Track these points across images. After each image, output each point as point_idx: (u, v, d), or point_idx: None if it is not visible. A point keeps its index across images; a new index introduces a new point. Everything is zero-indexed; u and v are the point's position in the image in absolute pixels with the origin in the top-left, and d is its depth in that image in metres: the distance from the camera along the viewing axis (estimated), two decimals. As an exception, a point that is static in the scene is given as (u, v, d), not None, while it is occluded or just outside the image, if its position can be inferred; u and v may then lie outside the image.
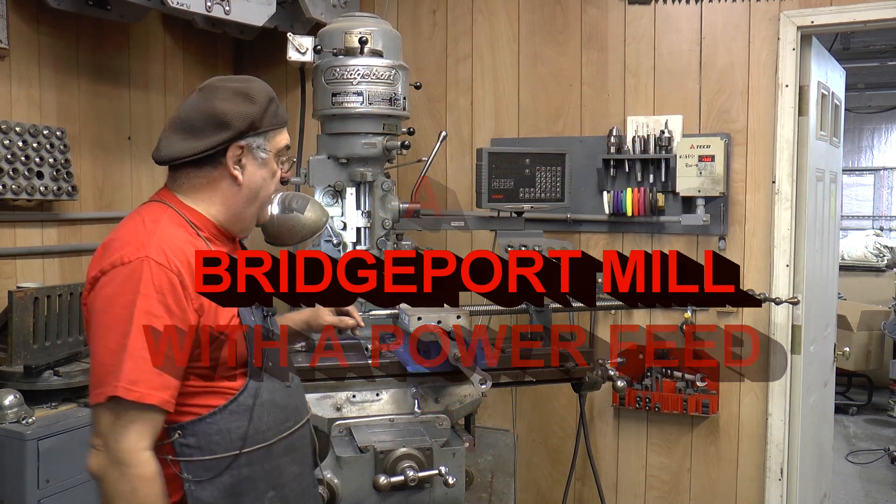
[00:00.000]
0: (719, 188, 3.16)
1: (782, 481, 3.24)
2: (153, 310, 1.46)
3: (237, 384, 1.60)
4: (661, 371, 3.35)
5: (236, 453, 1.57)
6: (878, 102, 10.78)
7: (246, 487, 1.60)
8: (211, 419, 1.56)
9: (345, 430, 2.29)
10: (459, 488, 2.16)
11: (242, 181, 1.64)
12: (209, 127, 1.60)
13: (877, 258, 7.95)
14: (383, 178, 2.86)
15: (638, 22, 3.40)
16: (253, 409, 1.60)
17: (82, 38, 3.19)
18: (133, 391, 1.43)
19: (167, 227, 1.57)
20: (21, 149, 2.85)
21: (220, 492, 1.56)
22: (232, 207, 1.66)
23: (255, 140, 1.64)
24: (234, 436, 1.58)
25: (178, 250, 1.52)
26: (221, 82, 1.67)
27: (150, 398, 1.44)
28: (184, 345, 1.50)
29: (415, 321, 2.33)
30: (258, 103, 1.63)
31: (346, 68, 2.72)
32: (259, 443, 1.61)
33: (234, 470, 1.58)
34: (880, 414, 6.77)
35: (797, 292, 3.22)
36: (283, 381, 1.71)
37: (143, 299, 1.45)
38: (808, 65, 3.22)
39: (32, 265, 2.98)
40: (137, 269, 1.47)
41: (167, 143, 1.62)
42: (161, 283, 1.47)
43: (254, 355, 1.62)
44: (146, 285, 1.46)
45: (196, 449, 1.55)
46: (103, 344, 1.47)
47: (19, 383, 2.54)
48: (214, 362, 1.57)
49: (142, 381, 1.44)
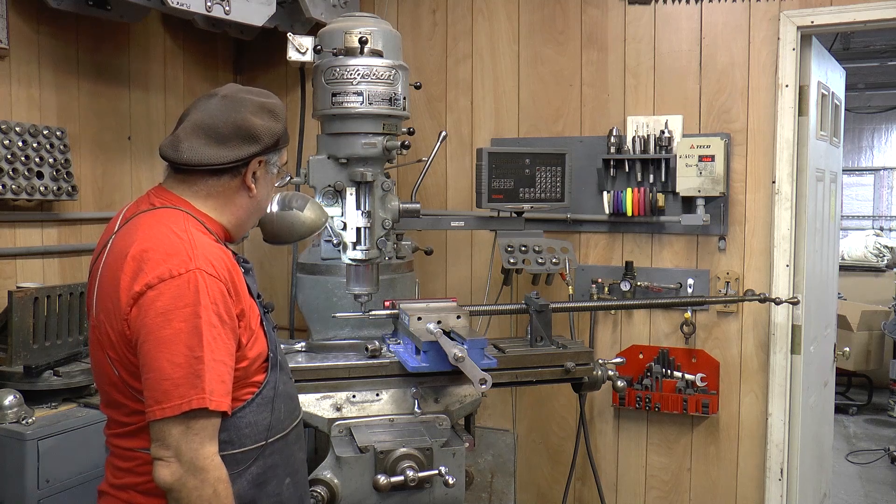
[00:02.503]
0: (719, 188, 3.16)
1: (782, 481, 3.24)
2: (213, 320, 1.50)
3: (260, 378, 1.66)
4: (661, 371, 3.35)
5: (263, 443, 1.64)
6: (878, 102, 10.79)
7: (269, 476, 1.66)
8: (241, 413, 1.61)
9: (345, 430, 2.29)
10: (459, 488, 2.16)
11: (255, 194, 1.71)
12: (237, 138, 1.63)
13: (877, 258, 7.95)
14: (383, 178, 2.85)
15: (638, 22, 3.40)
16: (274, 401, 1.67)
17: (82, 38, 3.19)
18: (214, 401, 1.47)
19: (200, 236, 1.59)
20: (21, 149, 2.85)
21: (248, 483, 1.62)
22: (241, 217, 1.73)
23: (274, 156, 1.72)
24: (261, 427, 1.64)
25: (220, 259, 1.57)
26: (246, 94, 1.71)
27: (223, 405, 1.50)
28: (233, 351, 1.55)
29: (415, 321, 2.33)
30: (281, 121, 1.71)
31: (346, 68, 2.72)
32: (279, 432, 1.69)
33: (261, 460, 1.64)
34: (880, 414, 6.77)
35: (797, 292, 3.22)
36: (288, 373, 1.79)
37: (204, 310, 1.48)
38: (808, 65, 3.22)
39: (32, 265, 2.98)
40: (192, 280, 1.49)
41: (190, 146, 1.62)
42: (215, 293, 1.51)
43: (272, 349, 1.70)
44: (204, 296, 1.49)
45: (228, 444, 1.58)
46: (167, 358, 1.46)
47: (19, 383, 2.54)
48: (250, 360, 1.63)
49: (216, 391, 1.48)
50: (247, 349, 1.61)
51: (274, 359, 1.69)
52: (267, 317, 1.75)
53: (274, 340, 1.72)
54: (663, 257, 3.40)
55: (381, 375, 2.41)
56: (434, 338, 2.22)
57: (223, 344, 1.51)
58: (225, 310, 1.52)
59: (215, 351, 1.48)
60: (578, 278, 3.43)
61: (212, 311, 1.49)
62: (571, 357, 2.61)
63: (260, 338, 1.66)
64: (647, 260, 3.42)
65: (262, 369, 1.66)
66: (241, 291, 1.60)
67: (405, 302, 2.47)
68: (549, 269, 3.09)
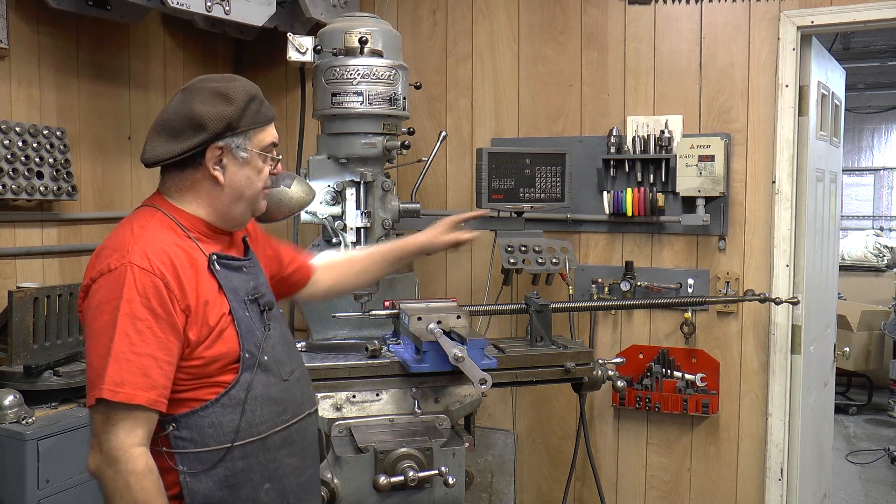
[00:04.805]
0: (719, 188, 3.16)
1: (782, 481, 3.24)
2: (137, 313, 1.50)
3: (228, 378, 1.62)
4: (661, 371, 3.35)
5: (228, 446, 1.60)
6: (878, 102, 10.79)
7: (241, 479, 1.62)
8: (203, 412, 1.59)
9: (345, 430, 2.29)
10: (459, 488, 2.16)
11: (224, 181, 1.66)
12: (187, 129, 1.62)
13: (877, 258, 7.95)
14: (383, 178, 2.86)
15: (638, 22, 3.40)
16: (245, 403, 1.62)
17: (82, 38, 3.19)
18: (119, 392, 1.47)
19: (155, 231, 1.60)
20: (21, 149, 2.85)
21: (214, 483, 1.59)
22: (217, 207, 1.69)
23: (234, 140, 1.65)
24: (227, 429, 1.60)
25: (162, 254, 1.56)
26: (203, 82, 1.68)
27: (137, 399, 1.48)
28: (171, 346, 1.53)
29: (415, 321, 2.33)
30: (235, 103, 1.63)
31: (346, 68, 2.72)
32: (253, 436, 1.63)
33: (228, 462, 1.60)
34: (880, 414, 6.77)
35: (797, 292, 3.22)
36: (279, 375, 1.71)
37: (125, 304, 1.50)
38: (808, 65, 3.22)
39: (32, 265, 2.98)
40: (122, 275, 1.52)
41: (150, 145, 1.65)
42: (145, 287, 1.51)
43: (247, 350, 1.64)
44: (129, 290, 1.51)
45: (189, 441, 1.58)
46: (94, 349, 1.52)
47: (19, 383, 2.54)
48: (207, 359, 1.59)
49: (127, 383, 1.48)
50: (202, 348, 1.58)
51: (251, 360, 1.63)
52: (263, 316, 1.71)
53: (258, 341, 1.66)
54: (663, 257, 3.40)
55: (381, 375, 2.41)
56: (434, 338, 2.22)
57: (153, 338, 1.51)
58: (159, 304, 1.52)
59: (137, 344, 1.49)
60: (578, 278, 3.43)
61: (138, 305, 1.50)
62: (571, 357, 2.61)
63: (227, 338, 1.61)
64: (647, 260, 3.42)
65: (230, 370, 1.62)
66: (189, 287, 1.57)
67: (405, 302, 2.47)
68: (549, 269, 3.09)
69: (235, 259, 1.72)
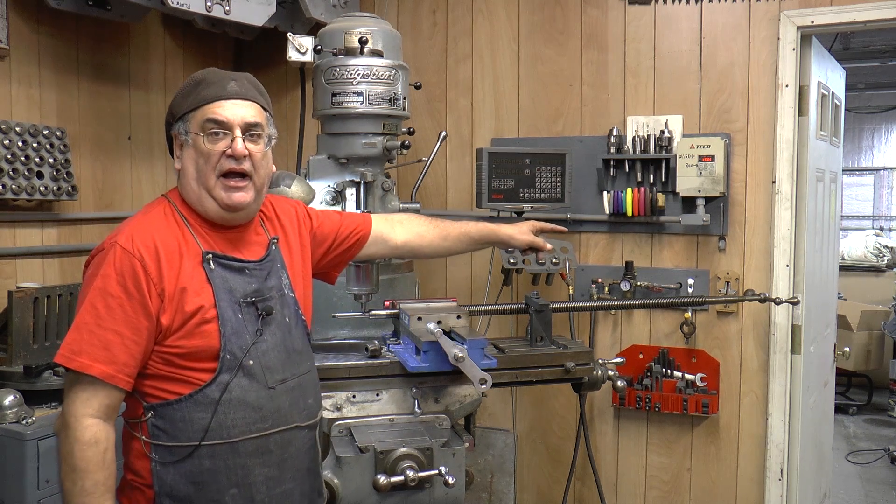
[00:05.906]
0: (719, 188, 3.16)
1: (782, 481, 3.24)
2: (110, 289, 1.56)
3: (204, 377, 1.62)
4: (661, 371, 3.35)
5: (196, 444, 1.61)
6: (878, 102, 10.79)
7: (206, 479, 1.63)
8: (177, 405, 1.61)
9: (345, 430, 2.28)
10: (459, 488, 2.16)
11: (180, 168, 1.71)
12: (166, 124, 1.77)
13: (877, 258, 7.95)
14: (383, 178, 2.86)
15: (638, 22, 3.40)
16: (219, 404, 1.62)
17: (82, 38, 3.19)
18: (74, 360, 1.53)
19: (152, 218, 1.66)
20: (21, 149, 2.85)
21: (181, 477, 1.61)
22: (189, 197, 1.71)
23: (179, 126, 1.71)
24: (196, 426, 1.61)
25: (147, 237, 1.61)
26: None
27: (91, 369, 1.53)
28: (140, 326, 1.56)
29: (415, 321, 2.33)
30: (179, 92, 1.72)
31: (346, 68, 2.72)
32: (222, 438, 1.63)
33: (196, 459, 1.61)
34: (880, 414, 6.77)
35: (797, 292, 3.22)
36: (264, 382, 1.68)
37: (100, 279, 1.57)
38: (808, 65, 3.22)
39: (32, 265, 2.98)
40: (107, 253, 1.59)
41: None
42: (122, 266, 1.56)
43: (229, 351, 1.63)
44: (108, 267, 1.57)
45: (163, 432, 1.61)
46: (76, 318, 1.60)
47: (19, 383, 2.54)
48: (183, 350, 1.60)
49: (84, 353, 1.53)
50: (177, 336, 1.59)
51: (232, 361, 1.62)
52: (259, 321, 1.68)
53: (244, 344, 1.64)
54: (663, 257, 3.40)
55: (381, 375, 2.40)
56: (434, 338, 2.21)
57: (122, 315, 1.55)
58: (133, 283, 1.56)
59: (105, 318, 1.54)
60: (578, 278, 3.43)
61: (113, 282, 1.56)
62: (571, 357, 2.61)
63: (206, 332, 1.61)
64: (647, 260, 3.42)
65: (208, 368, 1.61)
66: (168, 273, 1.59)
67: (405, 302, 2.47)
68: (549, 269, 3.09)
69: (236, 260, 1.71)
